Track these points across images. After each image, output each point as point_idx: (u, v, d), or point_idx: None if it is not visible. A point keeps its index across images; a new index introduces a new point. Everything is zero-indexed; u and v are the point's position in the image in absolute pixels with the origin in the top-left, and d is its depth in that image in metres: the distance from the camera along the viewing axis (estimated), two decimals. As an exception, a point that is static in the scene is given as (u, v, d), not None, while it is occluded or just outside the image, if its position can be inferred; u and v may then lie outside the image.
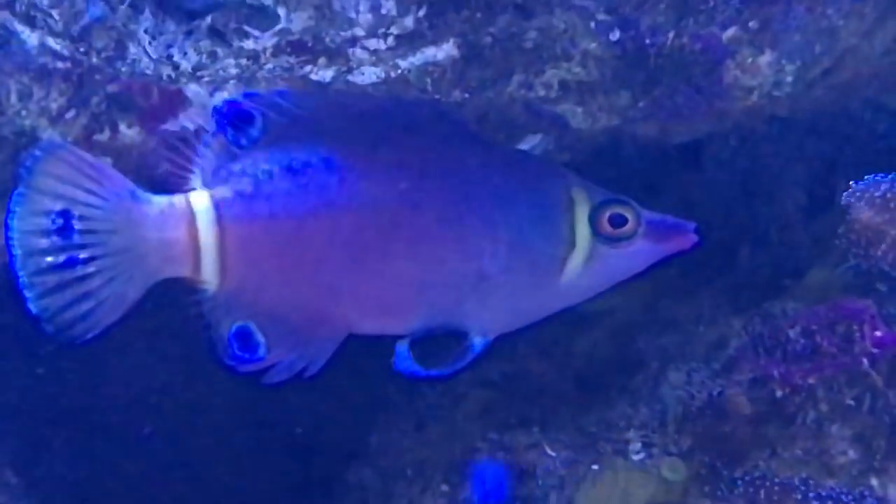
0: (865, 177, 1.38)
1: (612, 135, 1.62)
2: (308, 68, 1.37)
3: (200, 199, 1.22)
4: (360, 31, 1.30)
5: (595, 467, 1.41)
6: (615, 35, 1.41)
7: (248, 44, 1.31)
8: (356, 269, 1.21)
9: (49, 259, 1.17)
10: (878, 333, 1.39)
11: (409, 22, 1.30)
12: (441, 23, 1.30)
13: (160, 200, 1.22)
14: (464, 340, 1.27)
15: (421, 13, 1.29)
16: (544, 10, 1.38)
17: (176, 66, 1.33)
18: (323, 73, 1.40)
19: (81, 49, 1.33)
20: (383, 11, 1.27)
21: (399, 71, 1.42)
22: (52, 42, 1.43)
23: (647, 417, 1.43)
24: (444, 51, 1.40)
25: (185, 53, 1.31)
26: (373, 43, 1.32)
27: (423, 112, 1.33)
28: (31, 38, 1.46)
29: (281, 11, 1.29)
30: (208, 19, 1.31)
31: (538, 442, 1.45)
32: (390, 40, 1.32)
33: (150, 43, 1.31)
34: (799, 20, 1.40)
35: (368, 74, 1.43)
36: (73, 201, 1.18)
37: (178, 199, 1.22)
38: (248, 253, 1.19)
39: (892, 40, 1.53)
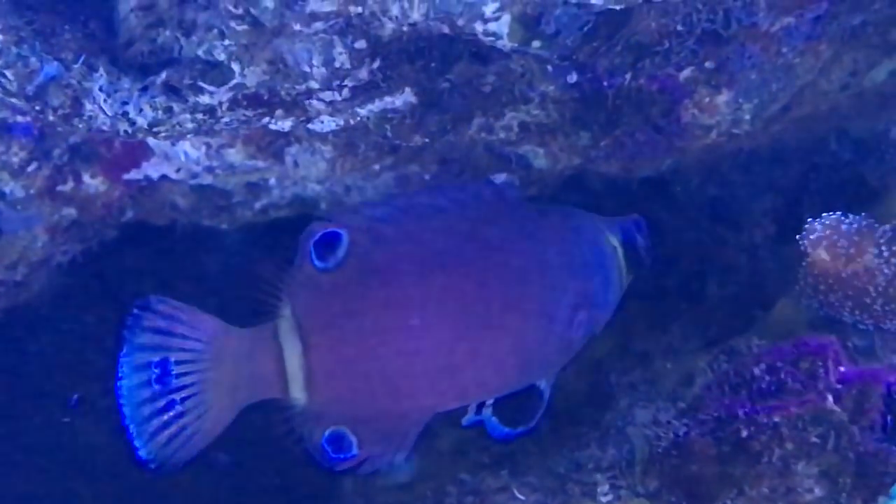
0: (824, 215, 1.38)
1: (575, 171, 1.62)
2: (266, 120, 1.38)
3: (286, 327, 1.31)
4: (314, 84, 1.30)
5: (564, 510, 1.41)
6: (573, 78, 1.41)
7: (204, 99, 1.31)
8: (441, 361, 1.32)
9: (152, 406, 1.30)
10: (841, 369, 1.39)
11: (363, 74, 1.30)
12: (395, 74, 1.31)
13: (247, 334, 1.33)
14: (533, 390, 1.39)
15: (375, 65, 1.29)
16: (501, 56, 1.38)
17: (132, 123, 1.32)
18: (282, 124, 1.40)
19: (37, 108, 1.32)
20: (336, 65, 1.28)
21: (358, 118, 1.43)
22: (8, 100, 1.44)
23: (614, 458, 1.43)
24: (402, 98, 1.40)
25: (141, 110, 1.31)
26: (328, 95, 1.32)
27: (486, 194, 1.41)
28: (-12, 93, 1.46)
29: (235, 67, 1.29)
30: (163, 75, 1.31)
31: (507, 485, 1.45)
32: (345, 92, 1.32)
33: (105, 100, 1.31)
34: (755, 59, 1.41)
35: (327, 123, 1.43)
36: (169, 349, 1.31)
37: (264, 330, 1.32)
38: (333, 369, 1.31)
39: (849, 74, 1.53)
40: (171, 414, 1.30)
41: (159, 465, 1.31)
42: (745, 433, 1.36)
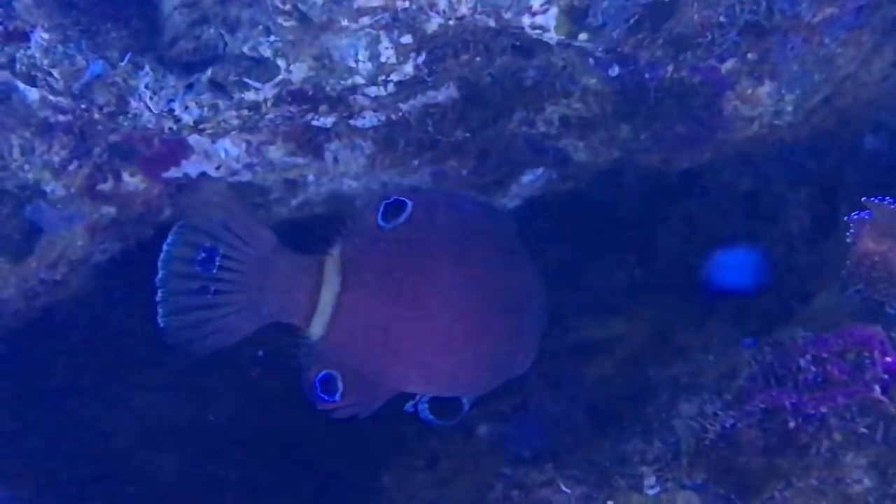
0: (864, 199, 1.38)
1: (614, 164, 1.62)
2: (309, 116, 1.38)
3: (331, 267, 1.35)
4: (360, 80, 1.31)
5: (610, 503, 1.41)
6: (614, 71, 1.41)
7: (249, 95, 1.31)
8: (426, 345, 1.38)
9: (187, 284, 1.34)
10: (888, 359, 1.39)
11: (408, 68, 1.30)
12: (440, 69, 1.31)
13: (296, 258, 1.37)
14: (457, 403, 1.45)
15: (420, 60, 1.29)
16: (543, 49, 1.38)
17: (178, 120, 1.33)
18: (325, 120, 1.41)
19: (83, 106, 1.33)
20: (382, 59, 1.28)
21: (400, 114, 1.43)
22: (52, 98, 1.44)
23: (660, 451, 1.43)
24: (445, 93, 1.41)
25: (187, 107, 1.32)
26: (373, 90, 1.32)
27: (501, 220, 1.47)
28: (31, 92, 1.47)
29: (281, 63, 1.29)
30: (208, 72, 1.31)
31: (552, 479, 1.45)
32: (390, 87, 1.32)
33: (150, 98, 1.32)
34: (797, 50, 1.41)
35: (370, 118, 1.44)
36: (222, 242, 1.35)
37: (312, 260, 1.36)
38: (353, 319, 1.36)
39: (889, 65, 1.53)
40: (200, 302, 1.34)
41: (175, 344, 1.36)
42: (792, 424, 1.36)
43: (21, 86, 1.45)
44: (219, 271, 1.34)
